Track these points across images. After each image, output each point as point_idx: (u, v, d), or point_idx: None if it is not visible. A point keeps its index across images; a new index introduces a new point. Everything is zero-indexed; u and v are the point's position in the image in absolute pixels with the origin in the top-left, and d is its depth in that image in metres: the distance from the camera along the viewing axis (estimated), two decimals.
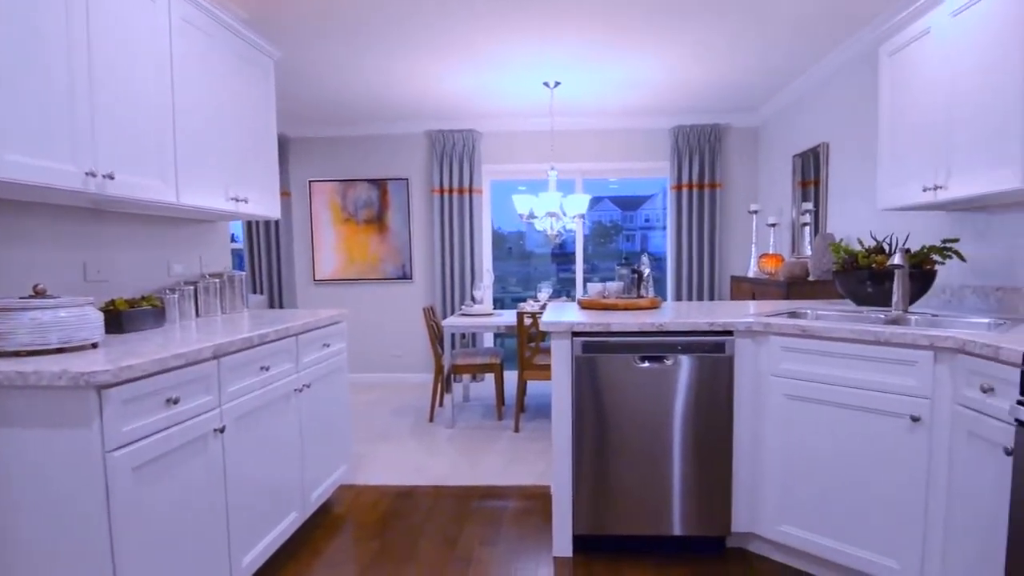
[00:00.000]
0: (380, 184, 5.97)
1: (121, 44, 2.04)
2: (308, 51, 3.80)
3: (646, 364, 2.42)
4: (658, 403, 2.43)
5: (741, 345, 2.42)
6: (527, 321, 4.12)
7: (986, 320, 2.25)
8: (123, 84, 2.04)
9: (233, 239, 6.12)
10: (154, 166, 2.20)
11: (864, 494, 2.15)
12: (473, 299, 4.98)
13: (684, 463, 2.45)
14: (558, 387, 2.44)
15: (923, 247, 2.72)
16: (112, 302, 2.28)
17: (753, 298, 4.82)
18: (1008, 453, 1.64)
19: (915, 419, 2.00)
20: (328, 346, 2.92)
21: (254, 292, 6.05)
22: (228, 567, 2.04)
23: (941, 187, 2.39)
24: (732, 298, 5.53)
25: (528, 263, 7.07)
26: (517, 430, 4.20)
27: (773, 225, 5.06)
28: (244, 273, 3.26)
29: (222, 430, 2.00)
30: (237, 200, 2.73)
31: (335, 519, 2.89)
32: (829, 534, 2.25)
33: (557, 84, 4.55)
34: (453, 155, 5.76)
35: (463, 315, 4.67)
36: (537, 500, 3.06)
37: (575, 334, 2.42)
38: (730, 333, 2.42)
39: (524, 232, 6.78)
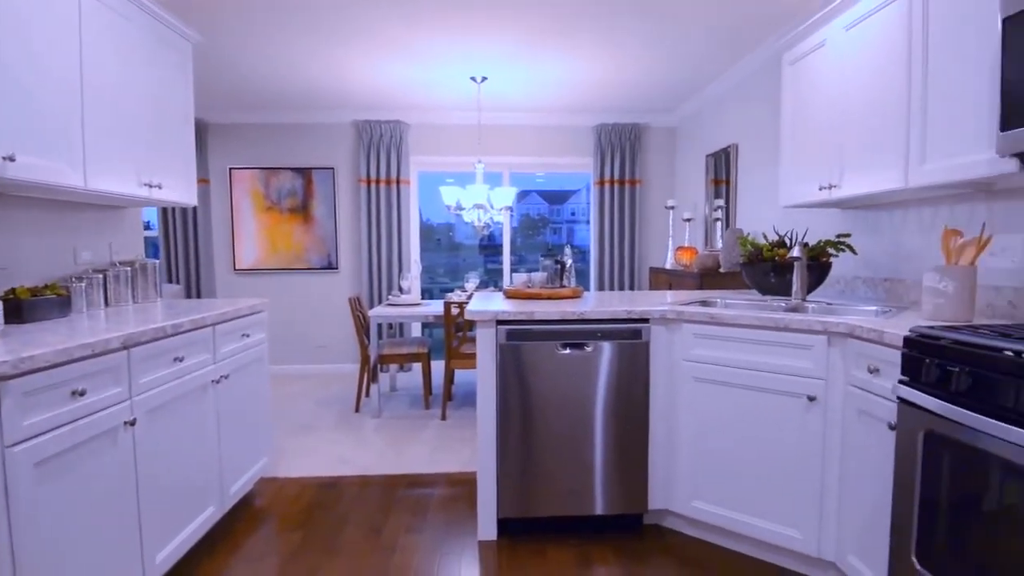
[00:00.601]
0: (305, 173, 5.77)
1: (24, 22, 1.87)
2: (230, 36, 3.62)
3: (567, 351, 2.47)
4: (580, 388, 2.49)
5: (656, 332, 2.51)
6: (454, 311, 4.10)
7: (874, 308, 2.43)
8: (25, 63, 1.88)
9: (148, 226, 5.76)
10: (60, 148, 2.04)
11: (768, 469, 2.28)
12: (401, 289, 4.91)
13: (605, 445, 2.51)
14: (483, 374, 2.45)
15: (820, 241, 2.90)
16: (13, 291, 2.10)
17: (670, 288, 5.00)
18: (892, 428, 1.78)
19: (811, 399, 2.14)
20: (248, 336, 2.80)
21: (170, 281, 5.72)
22: (140, 565, 1.93)
23: (835, 186, 2.56)
24: (651, 288, 5.72)
25: (457, 254, 7.04)
26: (444, 418, 4.19)
27: (688, 220, 5.26)
28: (158, 261, 3.08)
29: (133, 423, 1.88)
30: (150, 186, 2.58)
31: (256, 512, 2.79)
32: (737, 508, 2.37)
33: (484, 79, 4.54)
34: (381, 146, 5.64)
35: (390, 305, 4.60)
36: (463, 486, 3.07)
37: (500, 323, 2.44)
38: (646, 321, 2.50)
39: (453, 224, 6.74)
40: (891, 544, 1.77)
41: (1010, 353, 1.36)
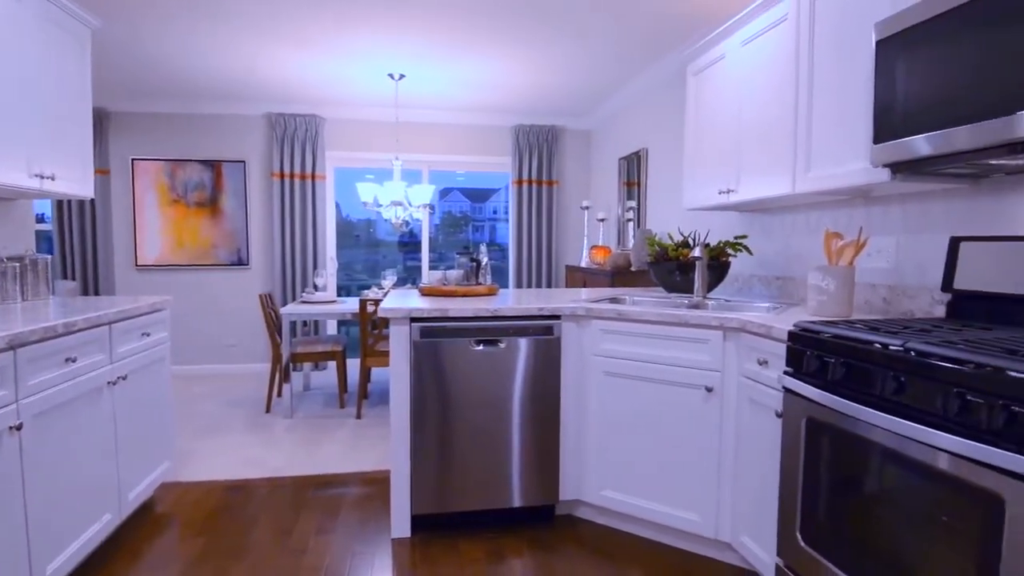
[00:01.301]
0: (214, 165, 5.47)
1: None
2: (132, 20, 3.36)
3: (481, 347, 2.46)
4: (494, 384, 2.49)
5: (567, 328, 2.55)
6: (370, 308, 4.01)
7: (767, 304, 2.58)
8: None
9: (42, 219, 5.28)
10: None
11: (671, 457, 2.37)
12: (315, 287, 4.74)
13: (519, 439, 2.53)
14: (396, 371, 2.41)
15: (720, 242, 3.05)
16: None
17: (584, 286, 5.11)
18: (778, 415, 1.89)
19: (709, 389, 2.24)
20: (148, 335, 2.62)
21: (64, 278, 5.26)
22: None
23: (733, 191, 2.69)
24: (567, 286, 5.82)
25: (377, 251, 6.88)
26: (359, 417, 4.09)
27: (602, 220, 5.39)
28: (51, 257, 2.83)
29: (19, 427, 1.72)
30: (42, 177, 2.36)
31: (158, 518, 2.62)
32: (643, 495, 2.45)
33: (402, 77, 4.46)
34: (295, 140, 5.42)
35: (303, 302, 4.44)
36: (378, 485, 3.00)
37: (413, 320, 2.40)
38: (558, 317, 2.54)
39: (374, 220, 6.58)
40: (779, 524, 1.88)
41: (878, 345, 1.47)
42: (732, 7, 3.27)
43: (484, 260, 3.03)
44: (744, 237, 3.02)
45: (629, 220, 5.14)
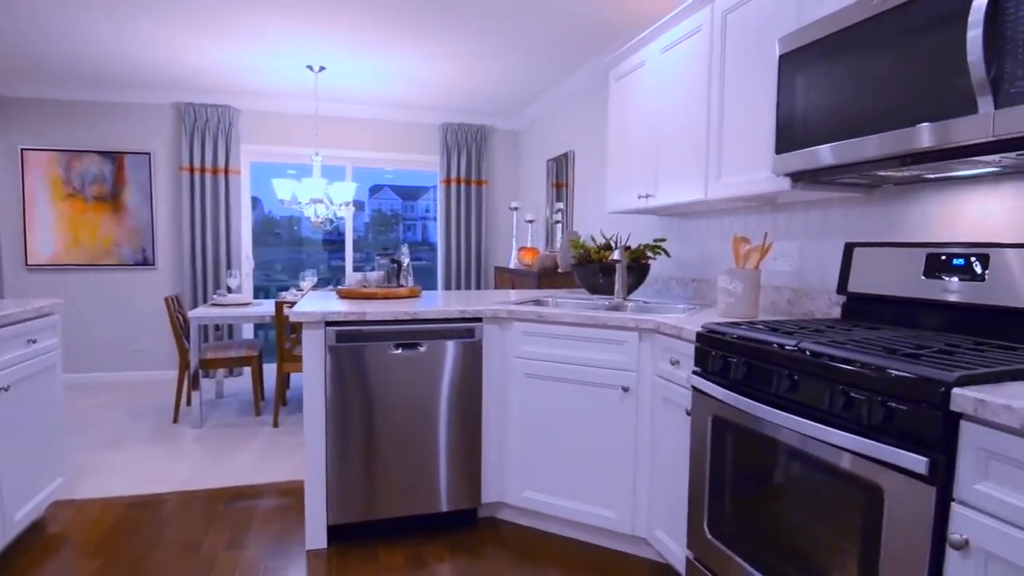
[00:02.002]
0: (115, 157, 5.16)
1: None
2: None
3: (400, 351, 2.46)
4: (415, 388, 2.49)
5: (489, 331, 2.59)
6: (287, 311, 3.90)
7: (683, 305, 2.70)
8: None
9: None
10: None
11: (589, 457, 2.44)
12: (229, 289, 4.57)
13: (441, 443, 2.54)
14: (309, 378, 2.36)
15: (640, 245, 3.16)
16: None
17: (513, 287, 5.16)
18: (688, 413, 1.99)
19: (625, 389, 2.33)
20: (35, 342, 2.45)
21: None
22: None
23: (651, 196, 2.80)
24: (496, 286, 5.87)
25: (300, 249, 6.68)
26: (276, 425, 3.97)
27: (531, 221, 5.47)
28: None
29: None
30: None
31: (49, 540, 2.45)
32: (563, 495, 2.51)
33: (322, 69, 4.37)
34: (207, 132, 5.20)
35: (214, 305, 4.26)
36: (294, 495, 2.93)
37: (329, 324, 2.36)
38: (479, 320, 2.56)
39: (298, 217, 6.40)
40: (688, 518, 1.98)
41: (775, 345, 1.58)
42: (656, 14, 3.40)
43: (405, 261, 3.02)
44: (663, 240, 3.15)
45: (558, 222, 5.23)
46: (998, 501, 1.06)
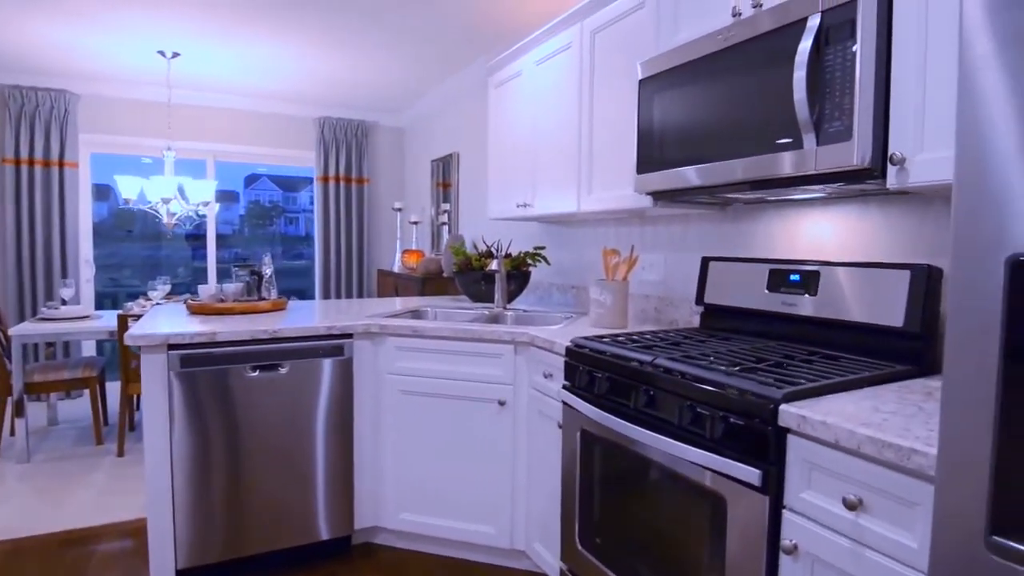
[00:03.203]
0: None
1: None
2: None
3: (257, 373, 2.36)
4: (279, 413, 2.40)
5: (360, 347, 2.55)
6: (131, 325, 3.63)
7: (562, 314, 2.80)
8: None
9: None
10: None
11: (468, 473, 2.48)
12: (63, 300, 4.17)
13: (311, 469, 2.47)
14: (150, 409, 2.20)
15: (520, 253, 3.25)
16: None
17: (396, 292, 5.12)
18: (560, 427, 2.08)
19: (502, 403, 2.39)
20: None
21: None
22: None
23: (529, 205, 2.89)
24: (378, 291, 5.78)
25: (159, 246, 6.16)
26: (121, 454, 3.68)
27: (415, 223, 5.44)
28: None
29: None
30: None
31: None
32: (441, 514, 2.53)
33: (176, 55, 4.10)
34: (37, 119, 4.71)
35: (43, 319, 3.88)
36: (142, 536, 2.74)
37: (173, 347, 2.22)
38: (350, 336, 2.53)
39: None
40: (561, 530, 2.07)
41: (634, 362, 1.69)
42: (532, 23, 3.49)
43: (268, 272, 2.91)
44: (543, 248, 3.25)
45: (444, 223, 5.24)
46: (819, 508, 1.21)
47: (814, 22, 1.41)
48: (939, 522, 0.90)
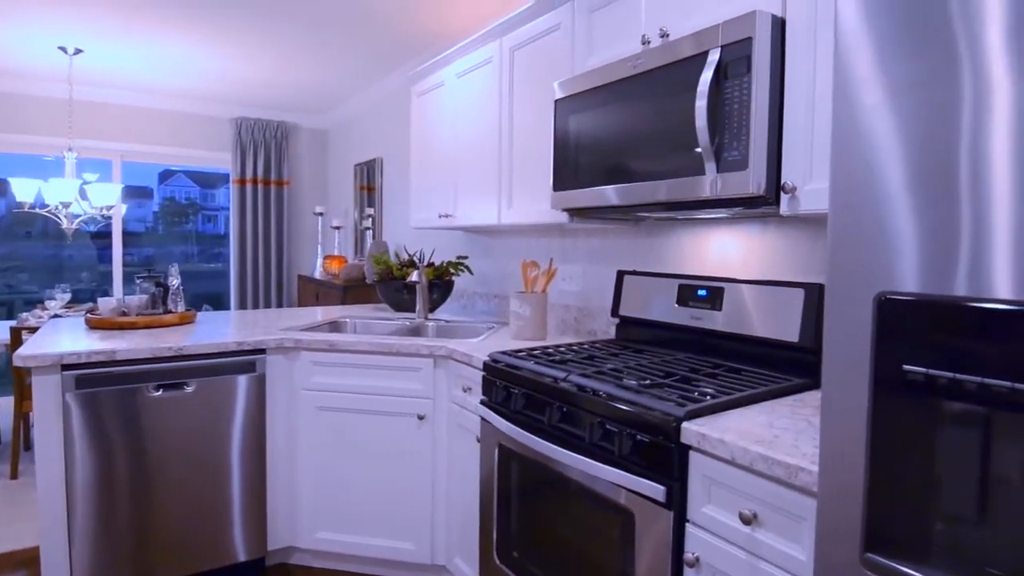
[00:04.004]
0: None
1: None
2: None
3: (161, 393, 2.23)
4: (187, 433, 2.28)
5: (274, 362, 2.46)
6: (26, 338, 3.37)
7: (484, 324, 2.80)
8: None
9: None
10: None
11: (388, 489, 2.43)
12: None
13: (223, 490, 2.36)
14: (42, 434, 2.03)
15: (443, 262, 3.22)
16: None
17: (317, 299, 4.98)
18: (479, 441, 2.07)
19: (421, 417, 2.36)
20: None
21: None
22: None
23: (451, 215, 2.87)
24: (299, 298, 5.61)
25: (62, 245, 5.69)
26: (15, 476, 3.40)
27: (338, 228, 5.31)
28: None
29: None
30: None
31: None
32: (361, 532, 2.47)
33: (78, 52, 3.84)
34: None
35: None
36: (34, 566, 2.54)
37: (67, 367, 2.07)
38: (262, 351, 2.43)
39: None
40: (480, 544, 2.06)
41: (548, 379, 1.70)
42: (456, 33, 3.48)
43: (175, 283, 2.76)
44: (465, 257, 3.24)
45: (367, 228, 5.14)
46: (719, 522, 1.25)
47: (714, 56, 1.47)
48: (821, 537, 0.95)
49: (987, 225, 0.75)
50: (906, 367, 0.83)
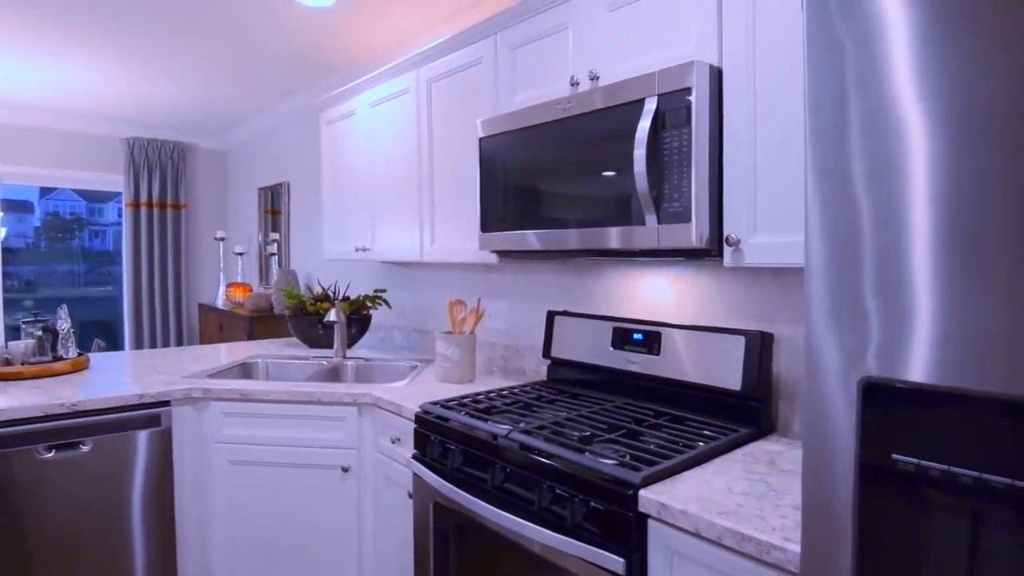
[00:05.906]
0: None
1: None
2: None
3: (53, 454, 1.90)
4: (83, 497, 1.94)
5: (180, 414, 2.16)
6: None
7: (406, 363, 2.61)
8: None
9: None
10: None
11: (310, 545, 2.19)
12: None
13: (124, 560, 2.03)
14: None
15: (359, 296, 3.00)
16: None
17: (221, 330, 4.56)
18: (410, 495, 1.89)
19: (345, 469, 2.14)
20: None
21: None
22: None
23: (369, 249, 2.67)
24: (200, 328, 5.14)
25: None
26: None
27: (241, 254, 4.90)
28: None
29: None
30: None
31: None
32: None
33: None
34: None
35: None
36: None
37: None
38: (167, 403, 2.13)
39: None
40: None
41: (490, 436, 1.56)
42: (369, 57, 3.27)
43: (65, 327, 2.39)
44: (384, 291, 3.03)
45: (273, 254, 4.78)
46: None
47: (651, 104, 1.39)
48: None
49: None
50: (895, 456, 0.76)
